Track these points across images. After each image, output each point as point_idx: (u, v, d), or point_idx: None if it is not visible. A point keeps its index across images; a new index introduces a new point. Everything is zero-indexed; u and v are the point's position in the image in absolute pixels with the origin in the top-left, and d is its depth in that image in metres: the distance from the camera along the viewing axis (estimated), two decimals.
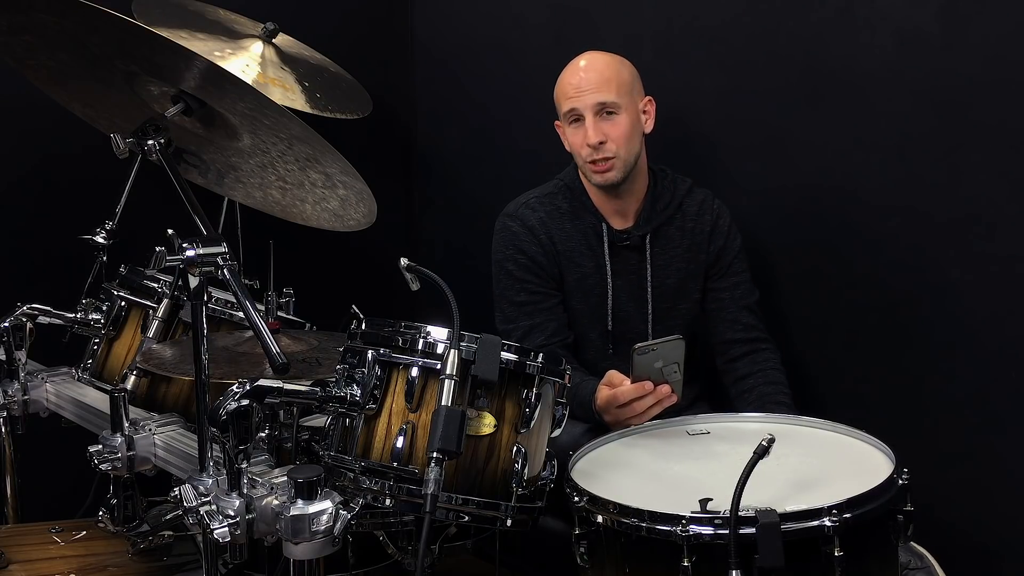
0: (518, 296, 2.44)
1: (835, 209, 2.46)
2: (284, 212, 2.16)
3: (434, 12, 3.37)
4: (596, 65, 2.38)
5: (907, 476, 1.74)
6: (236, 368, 1.87)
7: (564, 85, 2.40)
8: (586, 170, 2.40)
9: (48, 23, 1.83)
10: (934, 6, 2.26)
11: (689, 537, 1.61)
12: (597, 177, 2.38)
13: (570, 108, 2.37)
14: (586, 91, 2.35)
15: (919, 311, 2.35)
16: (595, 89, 2.35)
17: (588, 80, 2.36)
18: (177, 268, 1.64)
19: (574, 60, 2.42)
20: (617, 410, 2.08)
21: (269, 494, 1.62)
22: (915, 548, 1.92)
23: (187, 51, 1.72)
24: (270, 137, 1.90)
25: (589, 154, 2.36)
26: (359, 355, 1.79)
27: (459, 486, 1.74)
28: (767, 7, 2.54)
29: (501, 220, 2.49)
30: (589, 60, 2.40)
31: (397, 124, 3.42)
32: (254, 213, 2.28)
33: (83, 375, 2.32)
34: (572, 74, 2.39)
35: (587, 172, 2.40)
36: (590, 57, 2.41)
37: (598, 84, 2.35)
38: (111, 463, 1.92)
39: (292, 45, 2.88)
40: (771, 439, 1.64)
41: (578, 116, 2.36)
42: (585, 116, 2.35)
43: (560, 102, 2.41)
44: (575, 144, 2.40)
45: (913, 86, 2.30)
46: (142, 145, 1.85)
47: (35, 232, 2.75)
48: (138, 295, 2.31)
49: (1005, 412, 2.25)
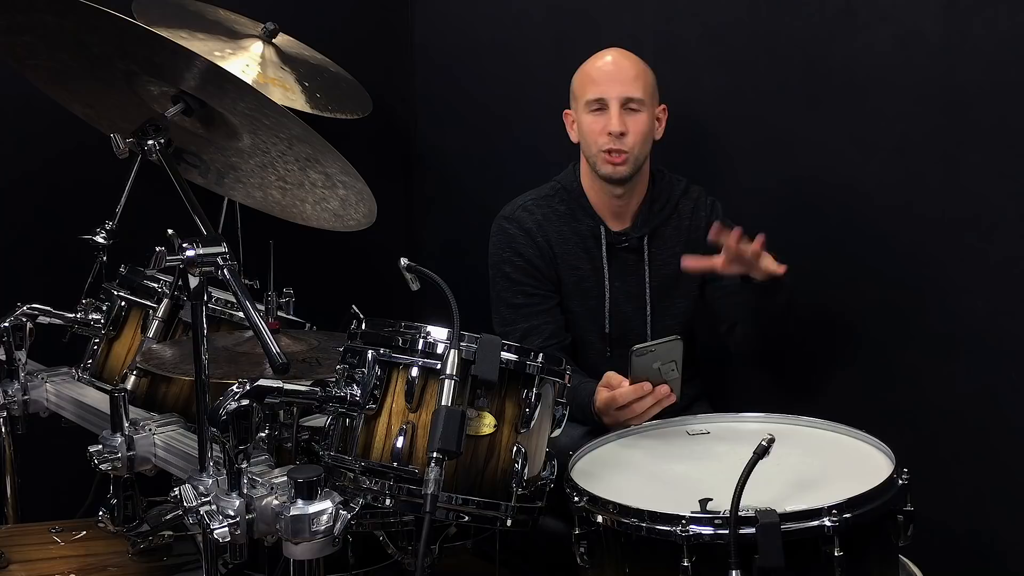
0: (515, 299, 2.44)
1: (835, 209, 2.46)
2: (284, 212, 2.16)
3: (434, 12, 3.37)
4: (626, 60, 2.40)
5: (907, 476, 1.74)
6: (236, 368, 1.87)
7: (592, 72, 2.39)
8: (597, 160, 2.38)
9: (48, 23, 1.83)
10: (934, 6, 2.25)
11: (689, 537, 1.61)
12: (607, 168, 2.37)
13: (597, 96, 2.36)
14: (616, 82, 2.35)
15: (919, 311, 2.35)
16: (625, 82, 2.35)
17: (619, 72, 2.37)
18: (177, 268, 1.64)
19: (601, 52, 2.42)
20: (616, 412, 2.08)
21: (269, 494, 1.62)
22: (907, 565, 1.92)
23: (187, 51, 1.72)
24: (270, 137, 1.90)
25: (607, 142, 2.34)
26: (359, 355, 1.79)
27: (459, 486, 1.74)
28: (767, 7, 2.54)
29: (497, 223, 2.49)
30: (619, 54, 2.41)
31: (397, 124, 3.42)
32: (254, 213, 2.27)
33: (83, 375, 2.32)
34: (602, 64, 2.40)
35: (597, 162, 2.38)
36: (619, 52, 2.42)
37: (628, 78, 2.36)
38: (111, 463, 1.93)
39: (292, 45, 2.88)
40: (771, 439, 1.64)
41: (602, 105, 2.35)
42: (611, 105, 2.34)
43: (584, 88, 2.39)
44: (592, 131, 2.37)
45: (913, 86, 2.30)
46: (142, 145, 1.85)
47: (35, 232, 2.75)
48: (138, 295, 2.31)
49: (1005, 412, 2.25)
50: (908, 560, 1.90)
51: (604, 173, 2.38)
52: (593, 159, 2.39)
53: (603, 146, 2.35)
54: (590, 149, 2.40)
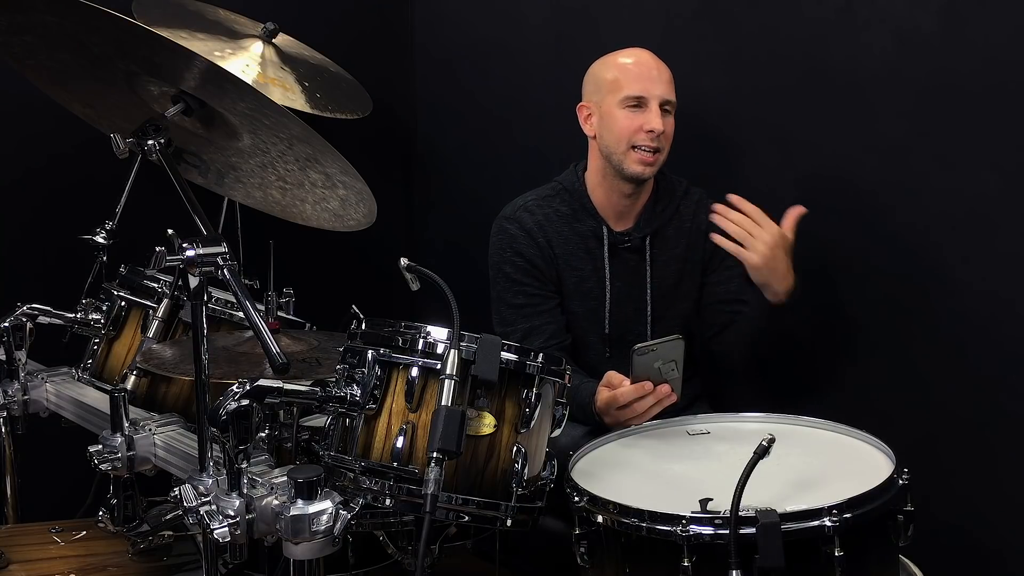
0: (516, 299, 2.44)
1: (834, 209, 2.46)
2: (284, 212, 2.16)
3: (434, 12, 3.37)
4: (661, 63, 2.39)
5: (907, 476, 1.74)
6: (236, 368, 1.87)
7: (631, 68, 2.37)
8: (625, 157, 2.35)
9: (48, 23, 1.83)
10: (934, 6, 2.26)
11: (689, 537, 1.61)
12: (637, 167, 2.35)
13: (639, 93, 2.34)
14: (659, 82, 2.35)
15: (919, 311, 2.35)
16: (665, 83, 2.36)
17: (661, 73, 2.37)
18: (177, 268, 1.64)
19: (630, 50, 2.41)
20: (617, 411, 2.08)
21: (269, 494, 1.62)
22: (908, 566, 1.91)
23: (187, 51, 1.72)
24: (270, 137, 1.90)
25: (643, 140, 2.33)
26: (359, 355, 1.79)
27: (459, 486, 1.74)
28: (767, 7, 2.54)
29: (498, 223, 2.49)
30: (651, 56, 2.40)
31: (397, 124, 3.42)
32: (254, 213, 2.27)
33: (83, 375, 2.32)
34: (639, 61, 2.38)
35: (625, 159, 2.35)
36: (649, 53, 2.40)
37: (667, 80, 2.37)
38: (111, 463, 1.93)
39: (292, 45, 2.88)
40: (771, 439, 1.64)
41: (642, 103, 2.34)
42: (651, 104, 2.33)
43: (619, 82, 2.36)
44: (627, 128, 2.34)
45: (913, 86, 2.30)
46: (142, 145, 1.85)
47: (35, 232, 2.75)
48: (138, 295, 2.31)
49: (1006, 412, 2.25)
50: (908, 560, 1.90)
51: (633, 172, 2.36)
52: (620, 156, 2.36)
53: (639, 142, 2.33)
54: (619, 145, 2.36)
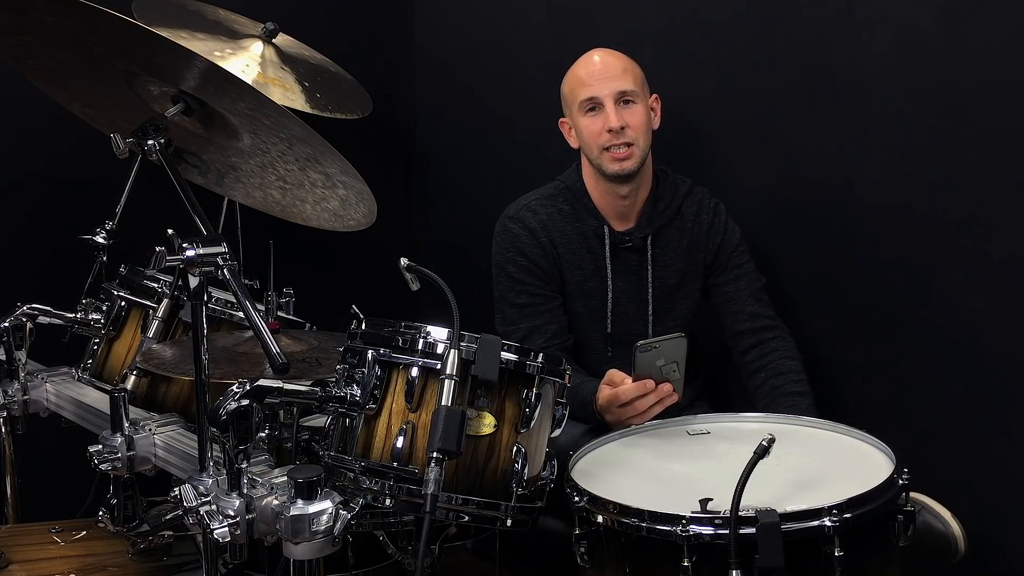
0: (518, 298, 2.44)
1: (834, 209, 2.46)
2: (284, 212, 2.16)
3: (434, 12, 3.37)
4: (611, 57, 2.40)
5: (907, 476, 1.74)
6: (236, 368, 1.87)
7: (580, 75, 2.39)
8: (602, 160, 2.37)
9: (48, 23, 1.83)
10: (934, 6, 2.25)
11: (689, 537, 1.61)
12: (614, 166, 2.35)
13: (588, 96, 2.36)
14: (606, 79, 2.35)
15: (919, 311, 2.35)
16: (615, 77, 2.36)
17: (607, 69, 2.37)
18: (177, 268, 1.64)
19: (585, 55, 2.43)
20: (619, 409, 2.08)
21: (269, 494, 1.62)
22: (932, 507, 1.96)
23: (187, 51, 1.72)
24: (270, 137, 1.90)
25: (608, 140, 2.34)
26: (359, 355, 1.79)
27: (459, 486, 1.74)
28: (767, 7, 2.54)
29: (501, 222, 2.49)
30: (603, 52, 2.42)
31: (397, 124, 3.42)
32: (254, 213, 2.27)
33: (83, 375, 2.32)
34: (588, 64, 2.40)
35: (603, 162, 2.37)
36: (603, 51, 2.42)
37: (617, 73, 2.36)
38: (111, 463, 1.92)
39: (292, 45, 2.88)
40: (771, 439, 1.64)
41: (596, 104, 2.35)
42: (605, 103, 2.34)
43: (575, 92, 2.39)
44: (591, 133, 2.37)
45: (913, 86, 2.30)
46: (142, 145, 1.85)
47: (35, 232, 2.75)
48: (138, 295, 2.31)
49: (1006, 412, 2.25)
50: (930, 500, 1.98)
51: (612, 172, 2.37)
52: (598, 161, 2.38)
53: (605, 144, 2.35)
54: (592, 151, 2.38)
